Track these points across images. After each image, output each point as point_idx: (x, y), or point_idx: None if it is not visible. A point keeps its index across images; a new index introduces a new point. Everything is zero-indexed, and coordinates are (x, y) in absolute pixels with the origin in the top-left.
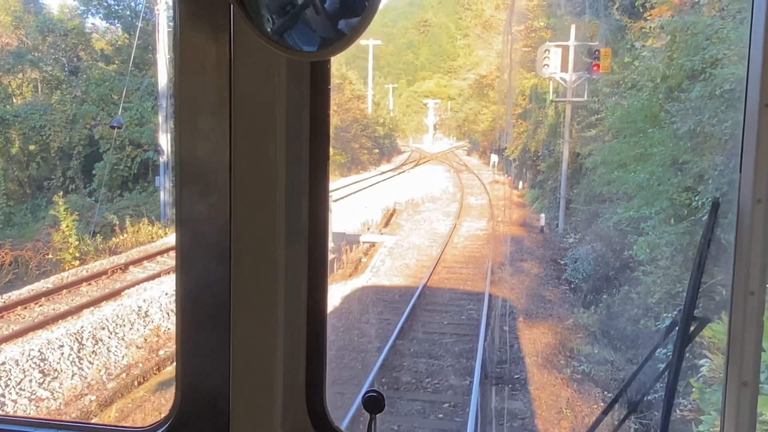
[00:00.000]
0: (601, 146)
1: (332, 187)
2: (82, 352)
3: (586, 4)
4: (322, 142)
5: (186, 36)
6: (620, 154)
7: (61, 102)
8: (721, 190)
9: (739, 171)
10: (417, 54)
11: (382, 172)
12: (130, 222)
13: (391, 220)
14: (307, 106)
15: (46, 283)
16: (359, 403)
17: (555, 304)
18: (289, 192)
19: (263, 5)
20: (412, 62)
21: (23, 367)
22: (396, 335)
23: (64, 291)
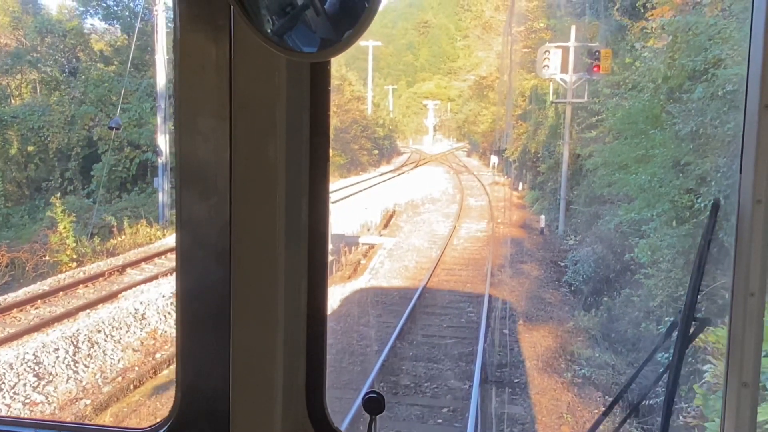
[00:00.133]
0: (601, 147)
1: (331, 189)
2: (78, 355)
3: (586, 5)
4: (322, 143)
5: (186, 37)
6: (621, 156)
7: (60, 103)
8: (724, 192)
9: (740, 172)
10: (417, 55)
11: (382, 174)
12: (128, 223)
13: (390, 221)
14: (307, 107)
15: (43, 285)
16: (357, 408)
17: (555, 306)
18: (289, 193)
19: (263, 6)
20: (412, 63)
21: (17, 370)
22: (395, 338)
23: (61, 293)
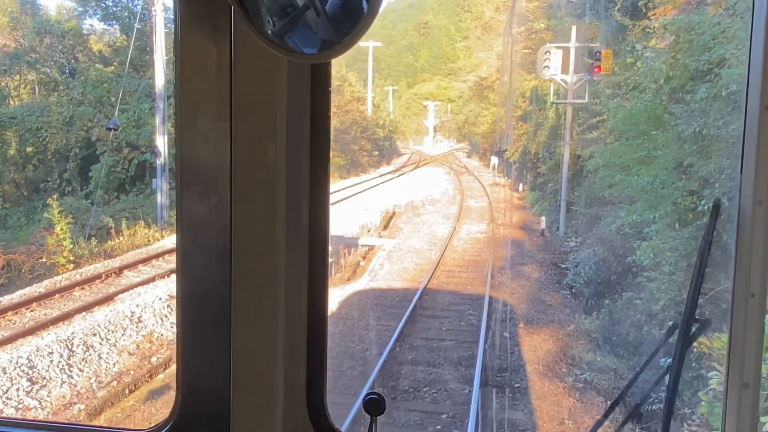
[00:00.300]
0: (602, 148)
1: (331, 190)
2: (72, 359)
3: (586, 5)
4: (322, 144)
5: (186, 38)
6: (623, 157)
7: (59, 104)
8: (729, 194)
9: (740, 173)
10: (417, 56)
11: (382, 174)
12: (126, 225)
13: (390, 222)
14: (307, 108)
15: (39, 288)
16: (354, 414)
17: (556, 309)
18: (290, 193)
19: (264, 7)
20: (412, 64)
21: (11, 375)
22: (393, 342)
23: (57, 296)
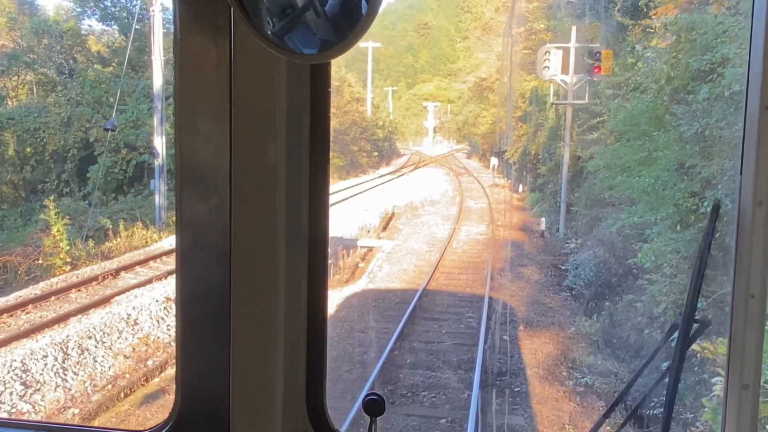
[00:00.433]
0: (603, 149)
1: (331, 191)
2: (67, 362)
3: (586, 6)
4: (322, 145)
5: (186, 38)
6: (623, 158)
7: (57, 104)
8: (732, 196)
9: (740, 173)
10: (417, 56)
11: (382, 175)
12: (123, 226)
13: (389, 224)
14: (307, 109)
15: (35, 290)
16: (354, 414)
17: (556, 311)
18: (290, 194)
19: (263, 8)
20: (412, 65)
21: (4, 378)
22: (392, 345)
23: (53, 298)
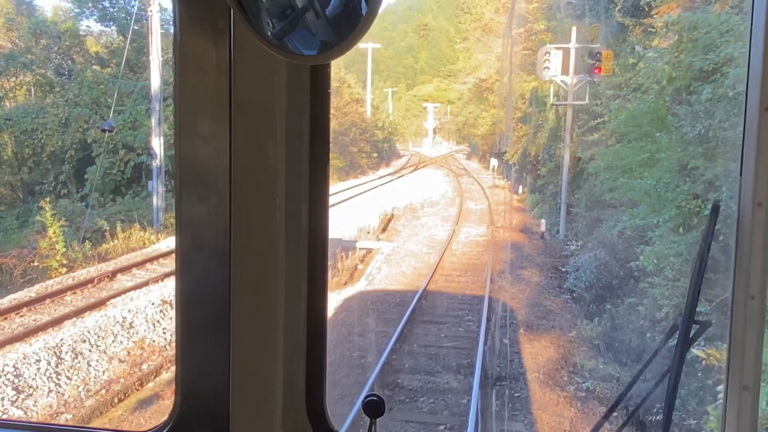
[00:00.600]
0: (604, 151)
1: (330, 191)
2: (61, 366)
3: (586, 6)
4: (322, 146)
5: (186, 39)
6: (624, 159)
7: (54, 105)
8: (735, 198)
9: (740, 174)
10: (416, 57)
11: (381, 177)
12: (121, 228)
13: (389, 225)
14: (307, 110)
15: (30, 292)
16: (353, 417)
17: (557, 314)
18: (289, 195)
19: (263, 9)
20: (412, 66)
21: None
22: (390, 349)
23: (48, 300)
